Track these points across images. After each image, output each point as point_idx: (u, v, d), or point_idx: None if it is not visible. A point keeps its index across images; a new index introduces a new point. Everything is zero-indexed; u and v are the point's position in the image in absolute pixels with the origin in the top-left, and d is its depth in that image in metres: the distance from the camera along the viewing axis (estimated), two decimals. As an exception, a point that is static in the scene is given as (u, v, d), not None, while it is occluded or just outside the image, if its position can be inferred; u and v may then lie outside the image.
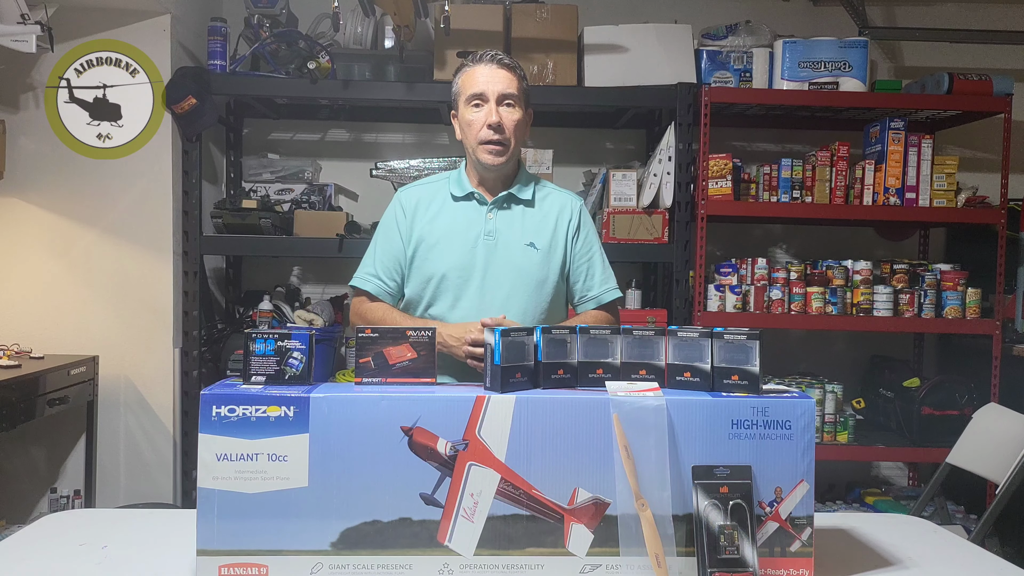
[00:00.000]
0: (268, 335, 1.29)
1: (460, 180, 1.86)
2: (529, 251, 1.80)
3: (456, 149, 3.44)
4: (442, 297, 1.80)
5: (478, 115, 1.76)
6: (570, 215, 1.86)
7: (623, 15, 3.28)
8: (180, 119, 2.89)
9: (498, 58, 1.78)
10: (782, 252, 3.62)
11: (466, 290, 1.78)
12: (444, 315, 1.79)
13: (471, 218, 1.82)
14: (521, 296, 1.78)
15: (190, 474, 2.91)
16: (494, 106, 1.75)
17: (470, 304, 1.78)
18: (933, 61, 3.56)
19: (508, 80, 1.77)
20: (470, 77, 1.78)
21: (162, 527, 1.52)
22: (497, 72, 1.77)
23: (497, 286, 1.78)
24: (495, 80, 1.76)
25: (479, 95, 1.76)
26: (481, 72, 1.77)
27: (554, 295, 1.82)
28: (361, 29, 3.11)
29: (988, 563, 1.42)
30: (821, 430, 3.11)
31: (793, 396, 1.28)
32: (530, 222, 1.83)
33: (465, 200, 1.84)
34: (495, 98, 1.76)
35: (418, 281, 1.82)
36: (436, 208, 1.84)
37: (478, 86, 1.76)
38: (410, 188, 1.91)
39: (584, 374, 1.34)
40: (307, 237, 2.97)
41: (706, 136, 3.01)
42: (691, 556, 1.22)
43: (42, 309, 2.91)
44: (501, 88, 1.76)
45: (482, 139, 1.76)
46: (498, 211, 1.82)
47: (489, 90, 1.76)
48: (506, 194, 1.83)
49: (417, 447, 1.23)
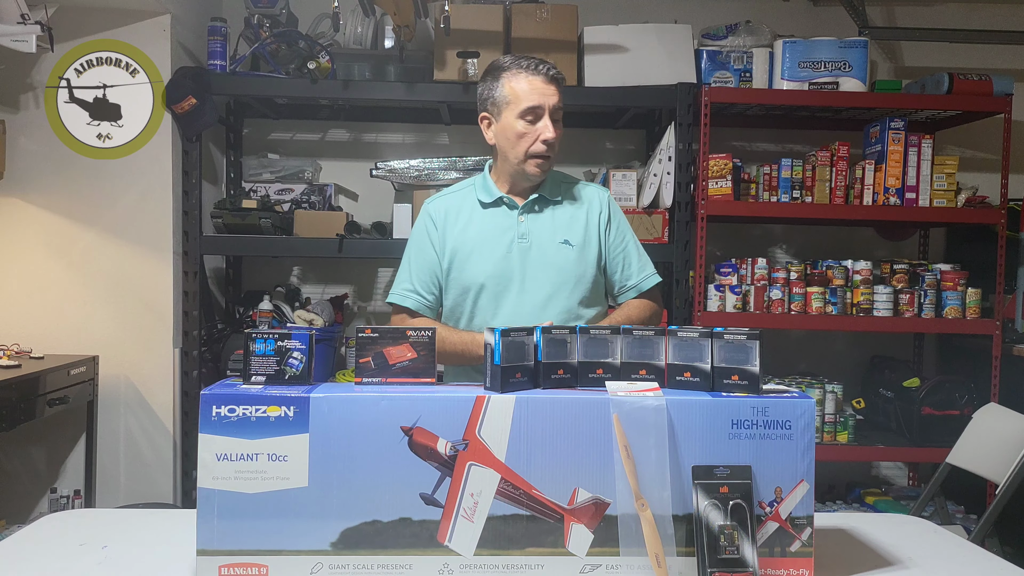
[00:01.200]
0: (268, 335, 1.29)
1: (487, 186, 1.84)
2: (564, 248, 1.79)
3: (456, 149, 3.44)
4: (484, 305, 1.78)
5: (532, 129, 1.74)
6: (600, 207, 1.85)
7: (623, 15, 3.28)
8: (180, 119, 2.89)
9: (552, 72, 1.75)
10: (782, 252, 3.62)
11: (506, 296, 1.77)
12: (488, 322, 1.77)
13: (503, 223, 1.80)
14: (562, 295, 1.77)
15: (190, 474, 2.91)
16: (549, 122, 1.73)
17: (512, 309, 1.76)
18: (933, 61, 3.56)
19: (559, 94, 1.76)
20: (524, 87, 1.73)
21: (162, 527, 1.52)
22: (550, 87, 1.74)
23: (537, 288, 1.77)
24: (550, 94, 1.74)
25: (535, 108, 1.73)
26: (537, 84, 1.73)
27: (593, 289, 1.81)
28: (361, 29, 3.11)
29: (988, 563, 1.42)
30: (821, 430, 3.11)
31: (793, 396, 1.28)
32: (561, 219, 1.82)
33: (494, 206, 1.83)
34: (550, 112, 1.74)
35: (456, 292, 1.80)
36: (466, 217, 1.82)
37: (535, 99, 1.73)
38: (436, 199, 1.89)
39: (584, 374, 1.34)
40: (307, 237, 2.97)
41: (706, 136, 3.01)
42: (691, 556, 1.22)
43: (42, 309, 2.91)
44: (554, 102, 1.74)
45: (534, 153, 1.75)
46: (528, 214, 1.81)
47: (547, 105, 1.73)
48: (537, 196, 1.82)
49: (417, 447, 1.23)
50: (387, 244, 2.98)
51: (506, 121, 1.76)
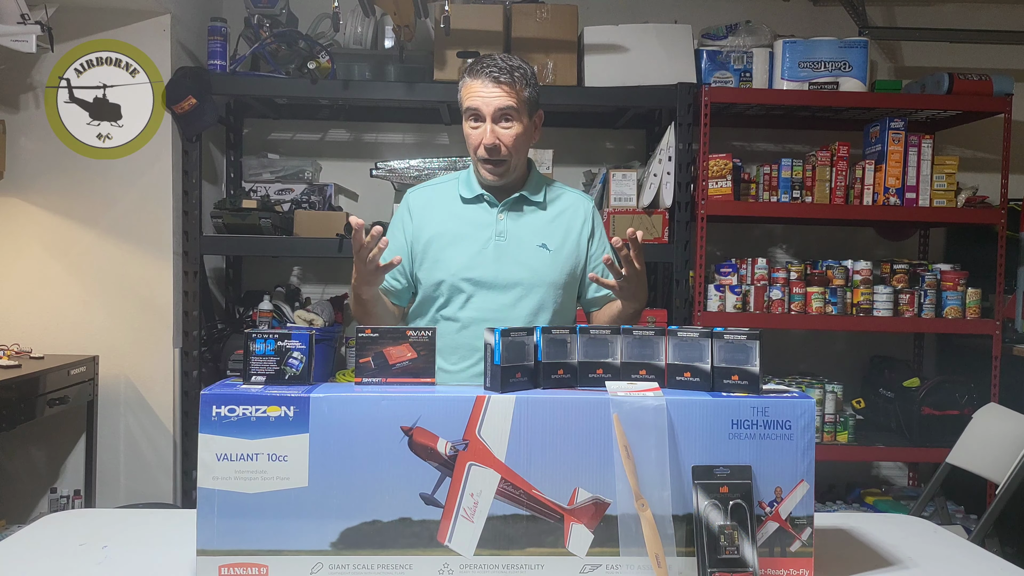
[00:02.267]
0: (268, 335, 1.29)
1: (469, 182, 1.84)
2: (541, 252, 1.79)
3: (456, 149, 3.44)
4: (454, 298, 1.79)
5: (475, 132, 1.74)
6: (583, 217, 1.85)
7: (623, 15, 3.28)
8: (180, 119, 2.89)
9: (494, 74, 1.70)
10: (782, 252, 3.62)
11: (477, 293, 1.77)
12: (455, 315, 1.78)
13: (482, 219, 1.81)
14: (533, 296, 1.78)
15: (190, 474, 2.91)
16: (490, 125, 1.71)
17: (482, 304, 1.77)
18: (933, 61, 3.56)
19: (505, 94, 1.70)
20: (468, 90, 1.73)
21: (162, 527, 1.52)
22: (494, 88, 1.70)
23: (509, 286, 1.77)
24: (491, 96, 1.70)
25: (475, 112, 1.72)
26: (477, 87, 1.71)
27: (564, 295, 1.82)
28: (361, 29, 3.11)
29: (988, 563, 1.42)
30: (821, 430, 3.11)
31: (793, 396, 1.28)
32: (541, 223, 1.82)
33: (475, 202, 1.83)
34: (491, 116, 1.70)
35: (430, 283, 1.81)
36: (446, 209, 1.83)
37: (474, 103, 1.71)
38: (419, 189, 1.90)
39: (584, 374, 1.33)
40: (307, 237, 2.97)
41: (706, 136, 3.01)
42: (691, 556, 1.22)
43: (42, 309, 2.91)
44: (497, 104, 1.70)
45: (480, 157, 1.75)
46: (508, 212, 1.81)
47: (484, 108, 1.70)
48: (518, 196, 1.82)
49: (417, 447, 1.23)
50: (387, 244, 2.97)
51: (464, 125, 1.77)
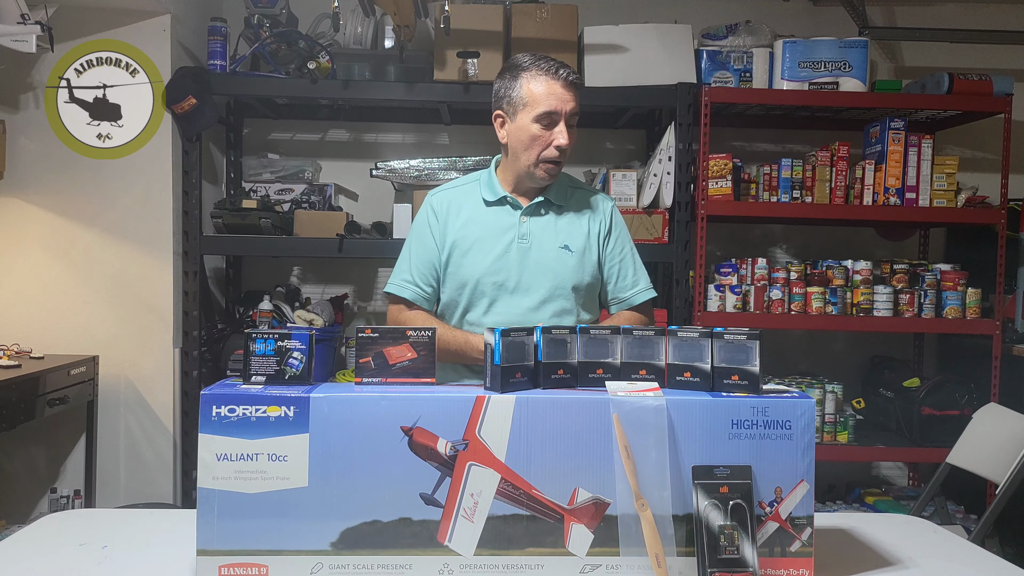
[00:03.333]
0: (268, 335, 1.29)
1: (492, 184, 1.83)
2: (563, 254, 1.79)
3: (457, 149, 3.44)
4: (478, 302, 1.78)
5: (546, 133, 1.72)
6: (602, 216, 1.85)
7: (623, 15, 3.28)
8: (180, 119, 2.89)
9: (570, 77, 1.72)
10: (782, 252, 3.62)
11: (501, 296, 1.77)
12: (480, 320, 1.78)
13: (505, 223, 1.80)
14: (558, 299, 1.77)
15: (190, 474, 2.91)
16: (564, 128, 1.71)
17: (506, 308, 1.77)
18: (933, 61, 3.56)
19: (574, 99, 1.73)
20: (543, 90, 1.71)
21: (162, 527, 1.52)
22: (568, 92, 1.72)
23: (532, 290, 1.77)
24: (568, 100, 1.71)
25: (552, 113, 1.71)
26: (556, 89, 1.71)
27: (587, 297, 1.82)
28: (361, 29, 3.11)
29: (988, 563, 1.42)
30: (821, 430, 3.11)
31: (793, 396, 1.28)
32: (563, 224, 1.81)
33: (498, 205, 1.82)
34: (566, 118, 1.72)
35: (453, 287, 1.80)
36: (468, 212, 1.82)
37: (552, 104, 1.70)
38: (440, 192, 1.88)
39: (584, 374, 1.33)
40: (307, 237, 2.97)
41: (706, 136, 3.01)
42: (691, 556, 1.22)
43: (42, 309, 2.91)
44: (571, 108, 1.72)
45: (546, 158, 1.74)
46: (531, 215, 1.81)
47: (563, 109, 1.71)
48: (542, 199, 1.81)
49: (417, 447, 1.23)
50: (387, 244, 2.97)
51: (521, 122, 1.74)
